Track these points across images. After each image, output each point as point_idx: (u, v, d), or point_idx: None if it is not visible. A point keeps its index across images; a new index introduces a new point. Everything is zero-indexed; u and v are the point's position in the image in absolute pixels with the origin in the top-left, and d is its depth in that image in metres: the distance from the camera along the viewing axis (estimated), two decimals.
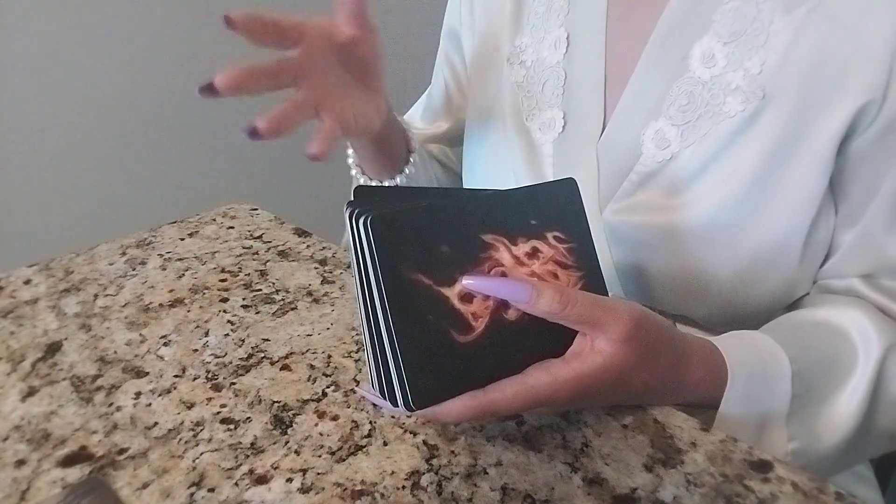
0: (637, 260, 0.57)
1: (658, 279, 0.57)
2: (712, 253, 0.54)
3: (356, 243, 0.38)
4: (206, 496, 0.38)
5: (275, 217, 0.72)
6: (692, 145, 0.53)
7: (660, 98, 0.55)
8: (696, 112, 0.53)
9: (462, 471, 0.39)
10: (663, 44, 0.55)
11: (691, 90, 0.53)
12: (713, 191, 0.53)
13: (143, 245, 0.66)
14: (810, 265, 0.55)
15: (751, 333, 0.49)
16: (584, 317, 0.38)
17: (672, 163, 0.54)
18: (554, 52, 0.61)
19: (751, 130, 0.52)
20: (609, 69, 0.58)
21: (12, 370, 0.49)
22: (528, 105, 0.62)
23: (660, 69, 0.55)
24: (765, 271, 0.54)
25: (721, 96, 0.52)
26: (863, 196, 0.52)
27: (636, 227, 0.56)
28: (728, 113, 0.52)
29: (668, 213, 0.54)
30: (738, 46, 0.52)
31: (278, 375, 0.48)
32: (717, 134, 0.52)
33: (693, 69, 0.53)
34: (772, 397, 0.45)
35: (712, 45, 0.52)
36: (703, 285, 0.55)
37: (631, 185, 0.56)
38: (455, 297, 0.38)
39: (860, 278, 0.54)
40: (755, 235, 0.53)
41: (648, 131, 0.55)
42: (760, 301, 0.55)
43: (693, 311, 0.58)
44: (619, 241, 0.57)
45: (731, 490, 0.38)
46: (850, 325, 0.50)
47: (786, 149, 0.51)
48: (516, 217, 0.41)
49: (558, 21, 0.61)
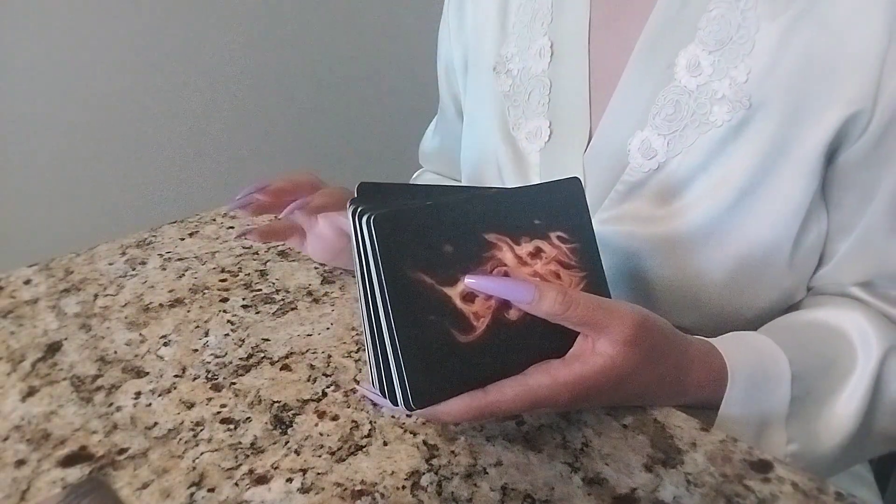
0: (626, 269, 0.57)
1: (648, 288, 0.57)
2: (701, 261, 0.53)
3: (359, 241, 0.38)
4: (206, 496, 0.38)
5: (275, 217, 0.71)
6: (679, 155, 0.53)
7: (646, 107, 0.54)
8: (683, 121, 0.53)
9: (462, 471, 0.39)
10: (648, 52, 0.54)
11: (677, 99, 0.53)
12: (701, 200, 0.52)
13: (143, 245, 0.66)
14: (802, 272, 0.55)
15: (750, 334, 0.49)
16: (585, 318, 0.38)
17: (659, 172, 0.54)
18: (539, 60, 0.60)
19: (738, 140, 0.51)
20: (594, 77, 0.58)
21: (12, 370, 0.49)
22: (515, 114, 0.62)
23: (645, 78, 0.54)
24: (755, 278, 0.53)
25: (707, 105, 0.52)
26: (857, 205, 0.52)
27: (625, 236, 0.55)
28: (714, 122, 0.51)
29: (656, 223, 0.54)
30: (723, 55, 0.51)
31: (278, 375, 0.48)
32: (703, 143, 0.52)
33: (679, 78, 0.53)
34: (771, 399, 0.45)
35: (698, 53, 0.52)
36: (694, 293, 0.55)
37: (618, 195, 0.56)
38: (457, 297, 0.38)
39: (859, 286, 0.54)
40: (743, 243, 0.52)
41: (634, 141, 0.54)
42: (753, 309, 0.55)
43: (684, 319, 0.57)
44: (607, 250, 0.56)
45: (731, 490, 0.38)
46: (850, 327, 0.50)
47: (773, 157, 0.51)
48: (520, 216, 0.41)
49: (542, 29, 0.60)
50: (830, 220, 0.54)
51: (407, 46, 1.66)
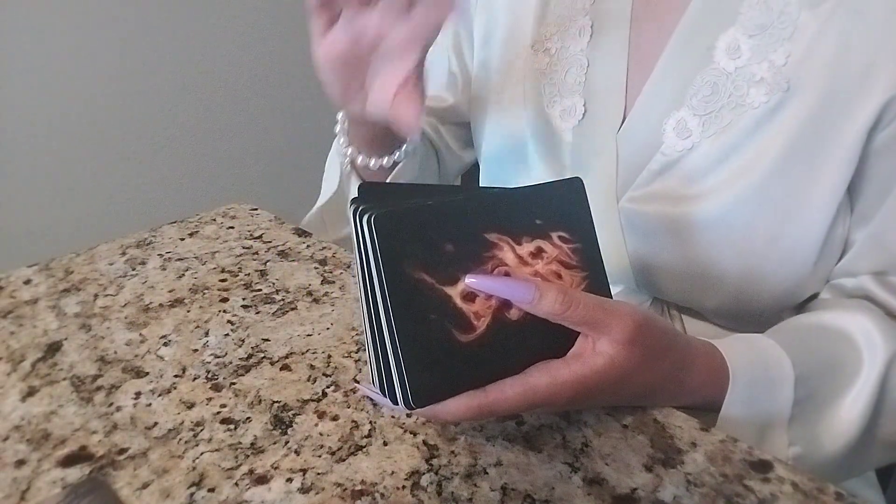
0: (651, 249, 0.57)
1: (670, 270, 0.57)
2: (726, 245, 0.54)
3: (359, 240, 0.38)
4: (206, 496, 0.38)
5: (275, 217, 0.72)
6: (713, 136, 0.53)
7: (683, 88, 0.55)
8: (719, 103, 0.53)
9: (462, 471, 0.39)
10: (689, 35, 0.55)
11: (715, 81, 0.53)
12: (730, 182, 0.53)
13: (143, 245, 0.66)
14: (825, 264, 0.55)
15: (754, 336, 0.49)
16: (586, 318, 0.38)
17: (692, 153, 0.54)
18: (578, 39, 0.61)
19: (773, 122, 0.52)
20: (632, 59, 0.58)
21: (12, 370, 0.49)
22: (550, 92, 0.62)
23: (684, 60, 0.55)
24: (778, 267, 0.54)
25: (745, 87, 0.52)
26: (877, 193, 0.52)
27: (652, 216, 0.56)
28: (751, 104, 0.52)
29: (683, 204, 0.54)
30: (763, 38, 0.52)
31: (278, 375, 0.48)
32: (738, 125, 0.52)
33: (718, 60, 0.53)
34: (773, 401, 0.45)
35: (738, 37, 0.53)
36: (714, 278, 0.55)
37: (650, 175, 0.56)
38: (457, 296, 0.38)
39: (871, 276, 0.54)
40: (771, 229, 0.53)
41: (670, 121, 0.55)
42: (770, 297, 0.55)
43: (702, 303, 0.58)
44: (633, 230, 0.57)
45: (731, 490, 0.38)
46: (856, 330, 0.50)
47: (807, 143, 0.51)
48: (521, 216, 0.41)
49: (584, 10, 0.61)
50: (852, 210, 0.54)
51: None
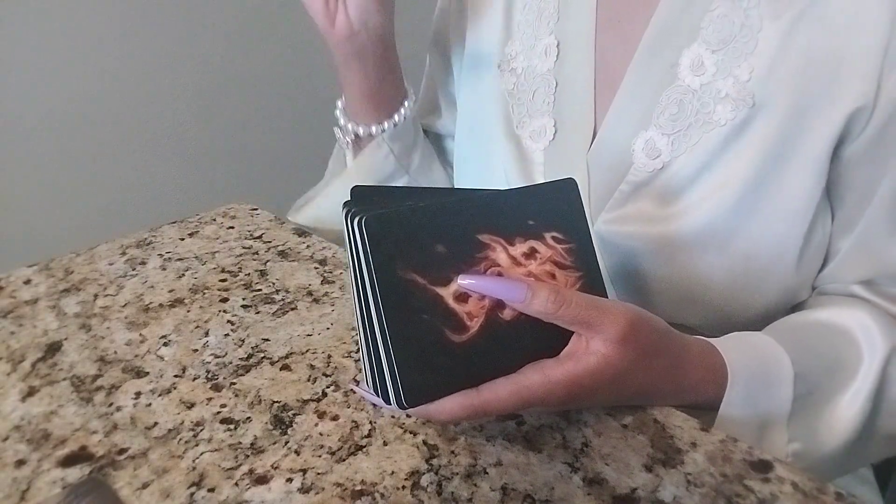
0: (630, 269, 0.57)
1: (652, 288, 0.57)
2: (706, 261, 0.53)
3: (351, 242, 0.39)
4: (206, 496, 0.38)
5: (275, 217, 0.72)
6: (683, 154, 0.53)
7: (649, 107, 0.54)
8: (687, 121, 0.53)
9: (462, 471, 0.39)
10: (652, 51, 0.54)
11: (681, 98, 0.53)
12: (705, 199, 0.52)
13: (143, 245, 0.66)
14: (808, 271, 0.55)
15: (752, 334, 0.49)
16: (578, 317, 0.38)
17: (663, 172, 0.54)
18: (545, 59, 0.60)
19: (742, 138, 0.51)
20: (599, 77, 0.58)
21: (12, 370, 0.49)
22: (519, 112, 0.62)
23: (649, 77, 0.54)
24: (760, 278, 0.53)
25: (711, 104, 0.52)
26: (859, 201, 0.52)
27: (628, 236, 0.55)
28: (718, 121, 0.51)
29: (660, 223, 0.54)
30: (726, 54, 0.51)
31: (278, 375, 0.48)
32: (707, 143, 0.52)
33: (682, 77, 0.53)
34: (773, 399, 0.45)
35: (701, 53, 0.52)
36: (698, 294, 0.55)
37: (622, 195, 0.56)
38: (450, 297, 0.38)
39: (860, 284, 0.54)
40: (749, 243, 0.52)
41: (639, 141, 0.54)
42: (757, 309, 0.55)
43: (688, 319, 0.57)
44: (611, 250, 0.57)
45: (731, 490, 0.38)
46: (855, 326, 0.50)
47: (778, 156, 0.51)
48: (514, 217, 0.41)
49: (548, 28, 0.60)
50: (834, 218, 0.54)
51: (406, 46, 1.66)
